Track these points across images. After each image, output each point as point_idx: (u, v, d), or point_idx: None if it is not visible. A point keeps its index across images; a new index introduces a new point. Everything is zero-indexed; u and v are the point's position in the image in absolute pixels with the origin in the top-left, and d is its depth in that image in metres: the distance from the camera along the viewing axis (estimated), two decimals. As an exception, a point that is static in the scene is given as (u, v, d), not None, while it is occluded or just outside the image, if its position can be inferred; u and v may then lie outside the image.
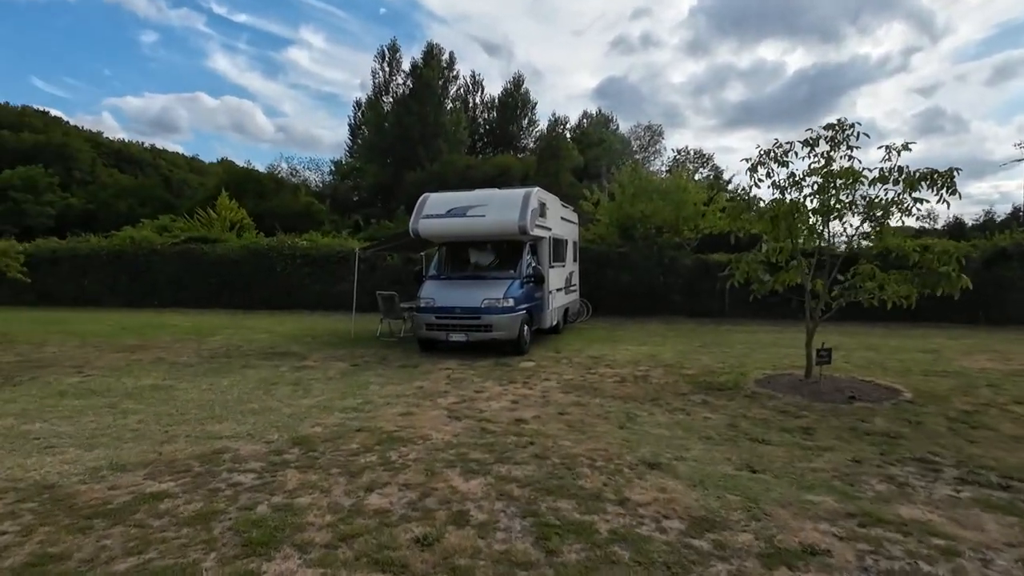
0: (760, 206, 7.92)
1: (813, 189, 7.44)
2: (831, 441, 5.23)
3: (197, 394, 7.12)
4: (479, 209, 10.66)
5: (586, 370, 8.83)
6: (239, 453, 4.85)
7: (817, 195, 7.39)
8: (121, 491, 4.02)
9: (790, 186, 7.53)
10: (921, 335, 13.01)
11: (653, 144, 64.21)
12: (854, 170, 7.25)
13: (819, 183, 7.34)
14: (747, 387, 7.43)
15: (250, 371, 8.69)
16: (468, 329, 9.99)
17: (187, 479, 4.26)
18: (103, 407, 6.42)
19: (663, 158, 68.60)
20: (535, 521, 3.54)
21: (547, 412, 6.26)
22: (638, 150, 64.45)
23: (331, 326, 15.22)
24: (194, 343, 11.66)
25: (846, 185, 7.34)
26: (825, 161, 7.37)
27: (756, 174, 7.68)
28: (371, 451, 4.92)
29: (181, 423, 5.79)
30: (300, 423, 5.81)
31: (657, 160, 63.77)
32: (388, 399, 6.88)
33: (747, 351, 10.76)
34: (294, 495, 3.95)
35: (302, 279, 20.13)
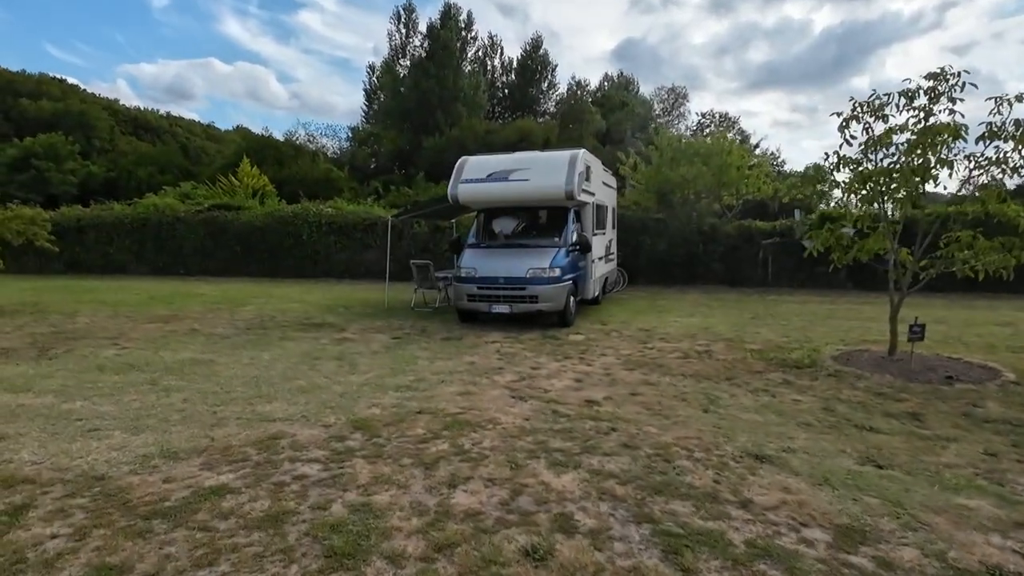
0: (855, 167, 7.14)
1: (906, 147, 6.69)
2: (949, 430, 4.68)
3: (240, 369, 6.74)
4: (522, 173, 10.02)
5: (642, 344, 8.31)
6: (297, 439, 4.44)
7: (914, 153, 6.63)
8: (177, 484, 3.62)
9: (884, 144, 6.77)
10: (987, 306, 12.25)
11: (677, 107, 62.15)
12: (955, 126, 6.49)
13: (916, 140, 6.58)
14: (825, 364, 6.85)
15: (289, 344, 8.31)
16: (512, 300, 9.48)
17: (246, 470, 3.85)
18: (144, 384, 6.06)
19: (687, 122, 66.48)
20: (653, 529, 3.07)
21: (617, 392, 5.77)
22: (661, 114, 62.53)
23: (362, 296, 14.83)
24: (226, 313, 11.33)
25: (944, 142, 6.59)
26: (924, 115, 6.60)
27: (848, 130, 6.92)
28: (440, 437, 4.48)
29: (228, 403, 5.40)
30: (355, 403, 5.39)
31: (681, 124, 61.88)
32: (441, 376, 6.44)
33: (806, 324, 10.13)
34: (369, 491, 3.52)
35: (328, 247, 19.73)
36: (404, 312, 11.76)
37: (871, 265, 15.31)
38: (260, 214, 20.60)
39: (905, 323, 7.01)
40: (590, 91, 61.43)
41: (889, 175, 6.77)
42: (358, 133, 59.45)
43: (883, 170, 6.79)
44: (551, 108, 64.38)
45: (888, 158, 6.88)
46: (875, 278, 15.48)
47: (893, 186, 6.88)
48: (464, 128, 51.02)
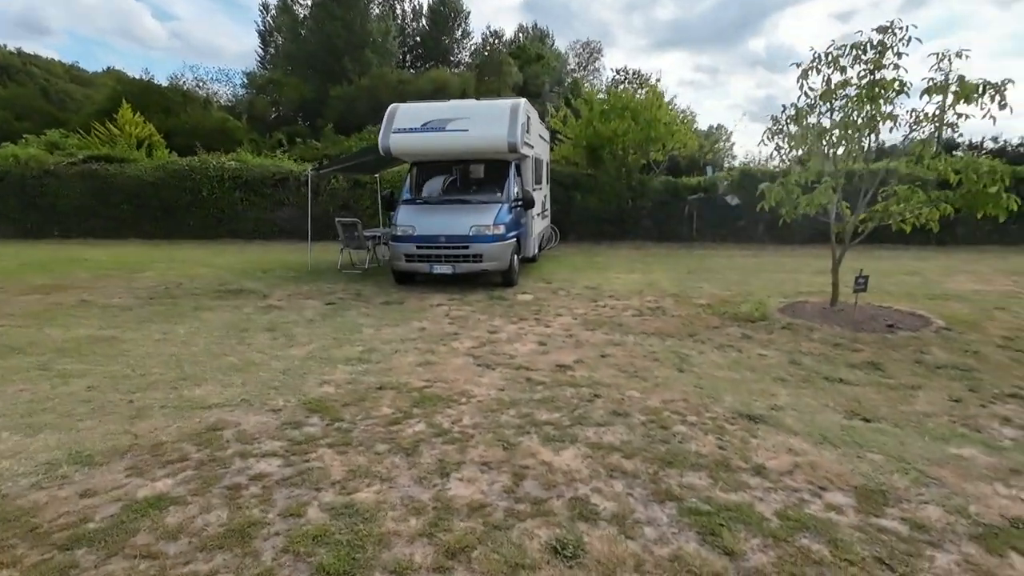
0: (807, 122, 7.13)
1: (856, 101, 6.75)
2: (910, 378, 4.84)
3: (151, 346, 5.81)
4: (461, 123, 9.32)
5: (593, 303, 8.13)
6: (243, 428, 3.79)
7: (863, 105, 6.70)
8: (101, 499, 2.92)
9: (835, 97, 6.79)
10: (890, 257, 13.24)
11: (592, 62, 62.13)
12: (900, 80, 6.61)
13: (864, 92, 6.65)
14: (775, 317, 6.99)
15: (207, 314, 7.34)
16: (455, 260, 8.94)
17: (188, 472, 3.20)
18: (33, 369, 5.03)
19: (602, 77, 66.75)
20: (679, 507, 2.83)
21: (587, 355, 5.52)
22: (577, 68, 62.28)
23: (279, 257, 13.63)
24: (121, 281, 9.91)
25: (888, 98, 6.72)
26: (873, 68, 6.65)
27: (807, 81, 6.87)
28: (411, 416, 4.00)
29: (147, 388, 4.57)
30: (302, 381, 4.75)
31: (596, 79, 62.02)
32: (393, 345, 5.89)
33: (740, 277, 10.42)
34: (348, 488, 3.01)
35: (234, 204, 17.96)
36: (331, 274, 10.87)
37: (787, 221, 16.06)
38: (150, 167, 18.32)
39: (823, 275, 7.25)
40: (505, 42, 59.78)
41: (846, 128, 6.82)
42: (255, 79, 54.56)
43: (843, 123, 6.81)
44: (466, 58, 62.22)
45: (839, 112, 6.92)
46: (790, 232, 16.33)
47: (843, 141, 6.95)
48: (375, 77, 48.24)
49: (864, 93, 6.69)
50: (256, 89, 52.35)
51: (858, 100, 6.71)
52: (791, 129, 7.27)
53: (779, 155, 7.51)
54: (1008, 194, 6.27)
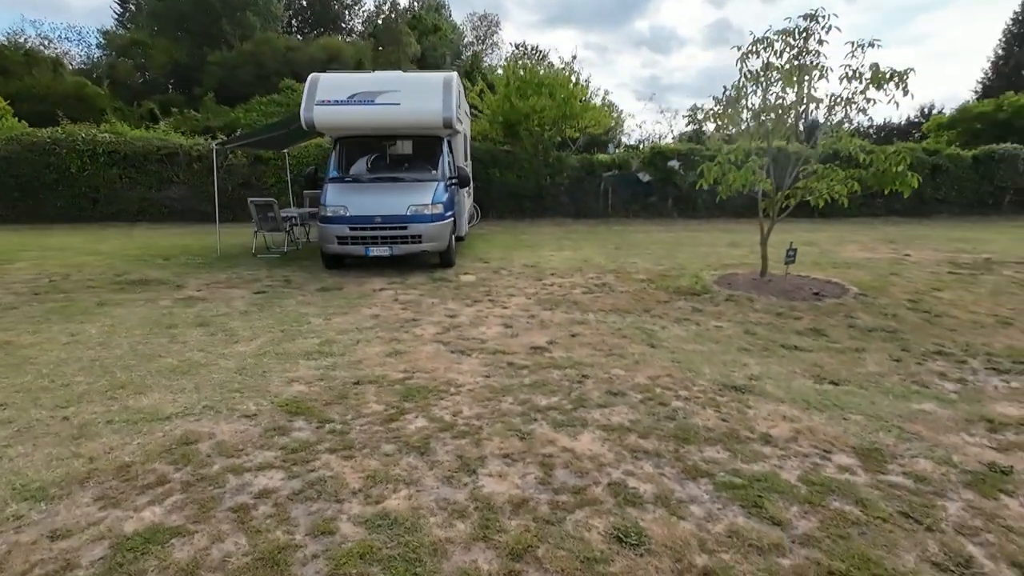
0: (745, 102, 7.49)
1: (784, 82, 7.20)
2: (851, 341, 5.33)
3: (62, 350, 5.00)
4: (391, 96, 8.81)
5: (538, 281, 8.15)
6: (221, 440, 3.38)
7: (790, 86, 7.17)
8: (80, 539, 2.46)
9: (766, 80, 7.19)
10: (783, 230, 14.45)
11: (490, 36, 61.45)
12: (821, 65, 7.14)
13: (790, 73, 7.11)
14: (714, 290, 7.40)
15: (117, 310, 6.46)
16: (392, 241, 8.54)
17: (176, 497, 2.79)
18: (-88, 388, 4.14)
19: (500, 52, 66.35)
20: (713, 482, 2.90)
21: (556, 335, 5.52)
22: (475, 41, 61.37)
23: (177, 242, 12.31)
24: (-11, 275, 8.46)
25: (810, 81, 7.24)
26: (797, 53, 7.12)
27: (746, 63, 7.19)
28: (406, 411, 3.78)
29: (77, 401, 3.93)
30: (265, 381, 4.32)
31: (494, 53, 61.54)
32: (350, 335, 5.52)
33: (666, 252, 10.92)
34: (374, 497, 2.78)
35: (111, 182, 15.93)
36: (247, 259, 10.01)
37: (693, 196, 17.01)
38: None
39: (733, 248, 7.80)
40: (400, 12, 57.49)
41: (777, 111, 7.25)
42: (113, 39, 48.43)
43: (774, 107, 7.23)
44: (358, 26, 59.17)
45: (771, 94, 7.34)
46: (695, 207, 17.38)
47: (774, 121, 7.39)
48: (259, 43, 44.66)
49: (790, 75, 7.15)
50: (116, 51, 46.40)
51: (785, 81, 7.16)
52: (727, 110, 7.60)
53: (719, 133, 7.80)
54: (912, 172, 7.02)
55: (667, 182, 17.16)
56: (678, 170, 17.05)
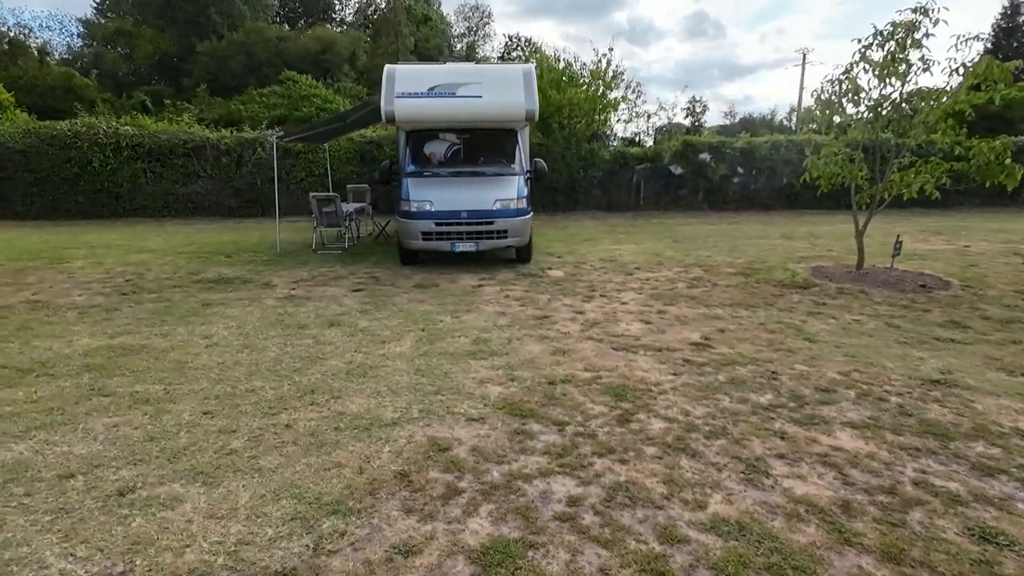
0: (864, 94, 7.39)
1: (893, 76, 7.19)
2: (1000, 334, 5.37)
3: (210, 355, 4.79)
4: (472, 88, 8.63)
5: (628, 276, 8.11)
6: (472, 445, 3.26)
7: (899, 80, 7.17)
8: (432, 555, 2.35)
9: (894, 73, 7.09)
10: (827, 222, 14.66)
11: (483, 26, 60.94)
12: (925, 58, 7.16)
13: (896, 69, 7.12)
14: (818, 283, 7.42)
15: (228, 310, 6.24)
16: (479, 237, 8.40)
17: (489, 507, 2.68)
18: (93, 395, 3.92)
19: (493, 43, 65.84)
20: (1011, 477, 2.90)
21: (704, 331, 5.48)
22: (467, 32, 60.85)
23: (226, 238, 11.97)
24: (53, 274, 8.12)
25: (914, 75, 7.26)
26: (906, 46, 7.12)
27: (865, 55, 7.15)
28: (633, 412, 3.70)
29: (283, 408, 3.76)
30: (454, 382, 4.19)
31: (487, 45, 61.07)
32: (494, 332, 5.41)
33: (728, 244, 10.95)
34: (691, 502, 2.70)
35: (135, 177, 15.40)
36: (308, 256, 9.82)
37: (724, 188, 17.09)
38: (14, 132, 15.05)
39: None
40: (398, 2, 56.70)
41: (893, 103, 7.24)
42: (95, 29, 46.94)
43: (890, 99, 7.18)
44: (349, 16, 58.19)
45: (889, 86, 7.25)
46: (726, 200, 17.50)
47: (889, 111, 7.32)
48: (250, 32, 43.75)
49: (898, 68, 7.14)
50: (100, 40, 44.92)
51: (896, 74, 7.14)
52: (844, 102, 7.53)
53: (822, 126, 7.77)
54: (1015, 164, 7.11)
55: (698, 175, 17.23)
56: (709, 163, 17.13)
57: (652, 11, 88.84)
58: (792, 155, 17.39)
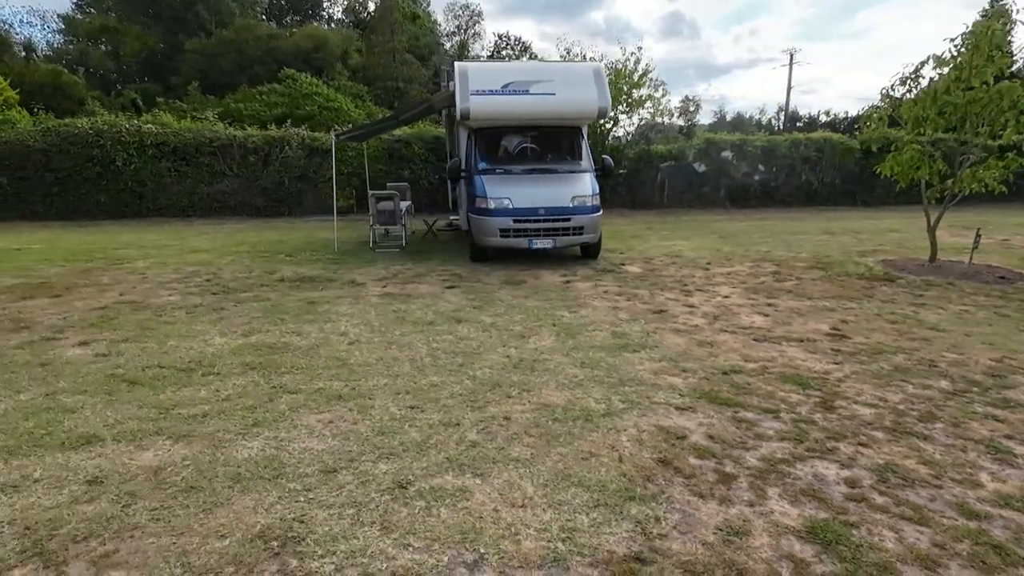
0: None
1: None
2: (1104, 320, 5.64)
3: (360, 352, 4.76)
4: (545, 86, 8.67)
5: (704, 271, 8.25)
6: (709, 432, 3.33)
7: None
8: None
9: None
10: (847, 217, 15.04)
11: (472, 25, 60.68)
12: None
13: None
14: (898, 275, 7.63)
15: (337, 308, 6.18)
16: (555, 233, 8.46)
17: (842, 491, 2.76)
18: (271, 394, 3.89)
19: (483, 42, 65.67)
20: None
21: (828, 322, 5.61)
22: (456, 31, 60.54)
23: (272, 237, 11.81)
24: (121, 275, 7.95)
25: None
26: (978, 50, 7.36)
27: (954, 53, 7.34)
28: (830, 399, 3.81)
29: (490, 402, 3.78)
30: (629, 374, 4.25)
31: (477, 44, 60.92)
32: (626, 325, 5.48)
33: (778, 240, 11.16)
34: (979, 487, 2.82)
35: (159, 176, 15.07)
36: (369, 254, 9.75)
37: (746, 186, 17.36)
38: (34, 131, 14.62)
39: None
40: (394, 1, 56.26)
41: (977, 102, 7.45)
42: (77, 25, 45.70)
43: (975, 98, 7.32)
44: (337, 14, 57.58)
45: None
46: (747, 196, 17.82)
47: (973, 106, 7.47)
48: (240, 29, 43.01)
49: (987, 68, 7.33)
50: (83, 37, 43.70)
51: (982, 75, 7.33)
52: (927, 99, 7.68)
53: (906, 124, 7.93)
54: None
55: (720, 172, 17.51)
56: (731, 160, 17.42)
57: (629, 11, 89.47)
58: (811, 153, 17.82)
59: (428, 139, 16.07)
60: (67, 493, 2.73)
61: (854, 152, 17.88)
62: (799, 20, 56.39)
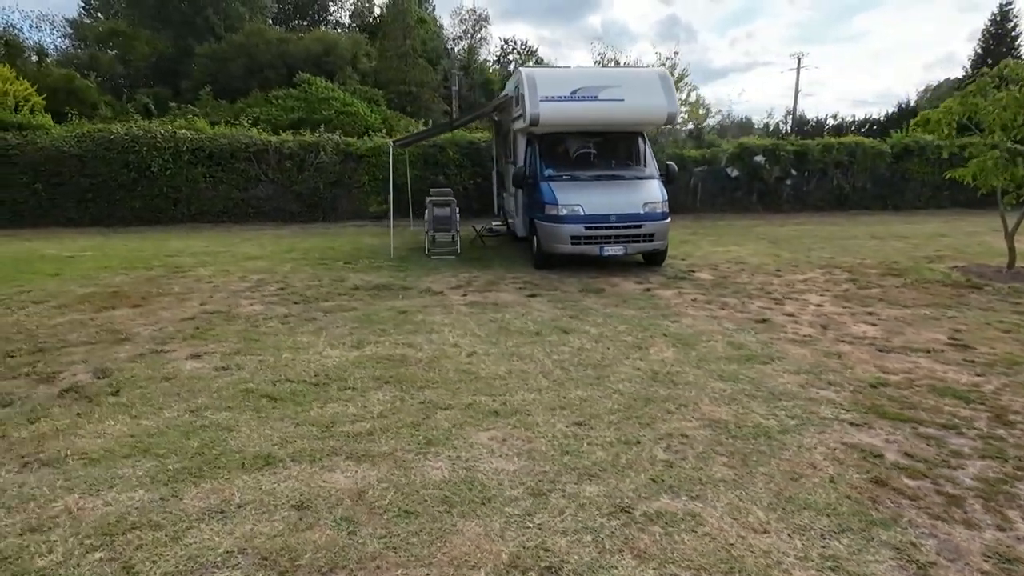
0: None
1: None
2: None
3: (486, 364, 4.66)
4: (613, 91, 8.59)
5: (776, 277, 8.18)
6: (902, 450, 3.24)
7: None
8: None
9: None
10: (883, 221, 15.01)
11: (479, 30, 60.66)
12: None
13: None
14: (981, 282, 7.54)
15: (432, 318, 6.07)
16: (627, 240, 8.38)
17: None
18: (421, 410, 3.78)
19: (489, 47, 65.86)
20: None
21: (940, 331, 5.53)
22: (462, 35, 60.53)
23: (321, 244, 11.70)
24: (186, 283, 7.85)
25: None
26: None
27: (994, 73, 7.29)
28: (1004, 415, 3.73)
29: (652, 419, 3.68)
30: (767, 384, 4.17)
31: (483, 49, 60.96)
32: (741, 335, 5.39)
33: (834, 246, 11.07)
34: None
35: (194, 182, 14.96)
36: (426, 261, 9.64)
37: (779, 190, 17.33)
38: (68, 137, 14.51)
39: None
40: (403, 5, 56.36)
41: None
42: (85, 29, 45.65)
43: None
44: (344, 19, 57.61)
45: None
46: (779, 200, 17.80)
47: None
48: (250, 34, 42.99)
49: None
50: (92, 42, 43.63)
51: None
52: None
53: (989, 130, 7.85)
54: None
55: (753, 177, 17.47)
56: (764, 165, 17.40)
57: (626, 15, 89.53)
58: (843, 157, 17.81)
59: (463, 144, 15.98)
60: (280, 519, 2.63)
61: (885, 156, 17.86)
62: (796, 23, 56.96)
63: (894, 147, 18.10)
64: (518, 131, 9.60)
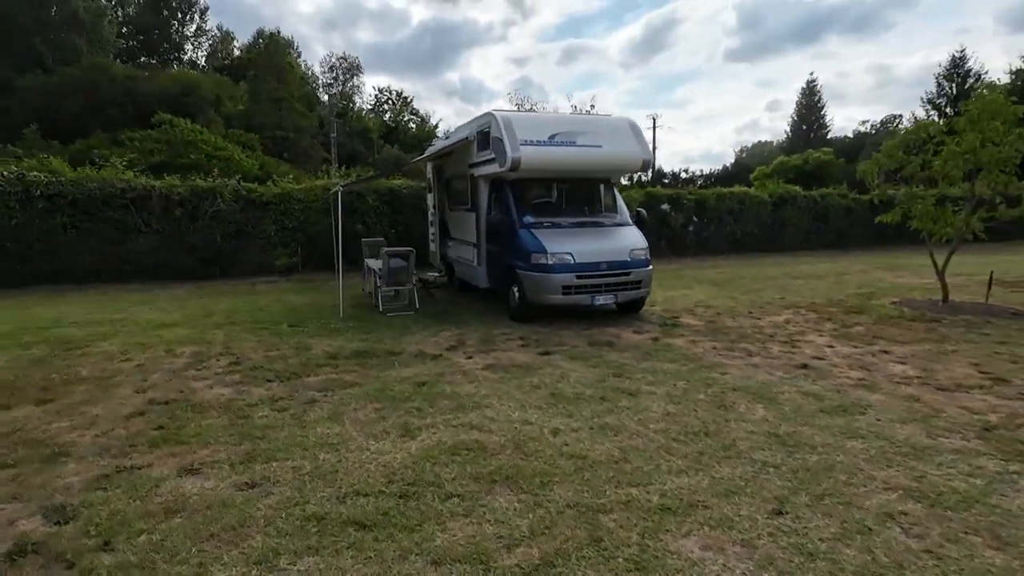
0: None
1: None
2: None
3: (580, 443, 3.90)
4: (590, 137, 8.38)
5: (753, 319, 8.30)
6: (1101, 504, 3.06)
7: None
8: None
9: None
10: (787, 262, 16.48)
11: (350, 78, 59.56)
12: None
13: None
14: (934, 315, 8.19)
15: (461, 388, 5.15)
16: (617, 288, 8.03)
17: None
18: (577, 525, 2.95)
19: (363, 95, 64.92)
20: None
21: (962, 367, 5.79)
22: (333, 83, 58.97)
23: (245, 304, 9.93)
24: (100, 364, 6.08)
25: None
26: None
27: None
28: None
29: (825, 494, 3.18)
30: (895, 436, 3.92)
31: (357, 97, 59.82)
32: (801, 383, 5.18)
33: (769, 287, 11.70)
34: None
35: (53, 234, 12.25)
36: (388, 319, 8.49)
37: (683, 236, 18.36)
38: None
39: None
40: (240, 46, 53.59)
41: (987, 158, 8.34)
42: None
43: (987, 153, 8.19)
44: (201, 59, 53.66)
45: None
46: (685, 245, 18.91)
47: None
48: (91, 68, 38.41)
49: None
50: None
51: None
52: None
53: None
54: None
55: (661, 224, 18.42)
56: (670, 212, 18.45)
57: (482, 73, 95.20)
58: (734, 205, 19.51)
59: (383, 191, 14.94)
60: None
61: (767, 205, 19.87)
62: (630, 91, 66.47)
63: (772, 196, 20.25)
64: (482, 176, 9.00)
